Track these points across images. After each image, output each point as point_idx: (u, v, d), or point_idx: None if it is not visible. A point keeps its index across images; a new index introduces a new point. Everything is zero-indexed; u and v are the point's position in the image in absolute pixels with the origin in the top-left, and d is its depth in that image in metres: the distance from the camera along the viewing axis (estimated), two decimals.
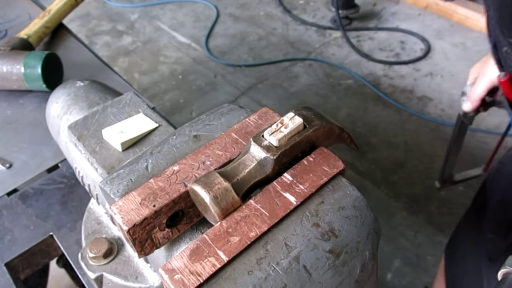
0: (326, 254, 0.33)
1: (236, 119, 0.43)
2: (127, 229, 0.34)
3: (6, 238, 0.61)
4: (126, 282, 0.45)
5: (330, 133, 0.39)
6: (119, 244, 0.48)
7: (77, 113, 0.51)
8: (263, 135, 0.36)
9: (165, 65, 2.55)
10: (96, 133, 0.46)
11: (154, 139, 0.46)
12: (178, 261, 0.31)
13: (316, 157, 0.37)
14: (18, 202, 0.65)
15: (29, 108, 0.79)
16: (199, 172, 0.37)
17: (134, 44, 2.70)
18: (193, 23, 2.83)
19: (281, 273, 0.31)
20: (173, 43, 2.69)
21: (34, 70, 0.74)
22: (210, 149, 0.39)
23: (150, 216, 0.34)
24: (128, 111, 0.49)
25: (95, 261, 0.46)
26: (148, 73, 2.50)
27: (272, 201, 0.34)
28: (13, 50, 0.78)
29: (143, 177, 0.38)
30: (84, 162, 0.46)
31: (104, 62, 0.91)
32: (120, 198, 0.36)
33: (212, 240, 0.32)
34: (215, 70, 2.46)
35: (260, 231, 0.33)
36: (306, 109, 0.38)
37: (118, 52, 2.64)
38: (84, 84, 0.55)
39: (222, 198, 0.33)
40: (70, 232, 0.62)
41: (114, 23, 2.86)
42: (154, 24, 2.85)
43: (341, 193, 0.36)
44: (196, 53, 2.60)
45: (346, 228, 0.34)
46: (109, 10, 2.98)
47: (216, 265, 0.31)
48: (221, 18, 2.82)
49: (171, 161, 0.39)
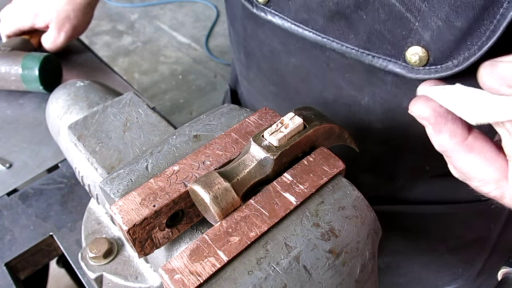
0: (326, 254, 0.33)
1: (236, 119, 0.43)
2: (127, 229, 0.34)
3: (6, 238, 0.61)
4: (126, 282, 0.45)
5: (330, 133, 0.39)
6: (119, 244, 0.48)
7: (77, 113, 0.51)
8: (263, 135, 0.36)
9: (165, 65, 2.55)
10: (96, 133, 0.46)
11: (154, 139, 0.46)
12: (178, 261, 0.31)
13: (316, 157, 0.37)
14: (18, 202, 0.65)
15: (29, 108, 0.79)
16: (199, 172, 0.37)
17: (134, 44, 2.70)
18: (193, 23, 2.83)
19: (281, 273, 0.31)
20: (173, 43, 2.69)
21: (31, 72, 0.74)
22: (210, 149, 0.39)
23: (150, 216, 0.34)
24: (128, 111, 0.49)
25: (95, 261, 0.46)
26: (148, 73, 2.50)
27: (272, 201, 0.34)
28: (13, 51, 0.78)
29: (143, 177, 0.38)
30: (84, 162, 0.46)
31: (104, 62, 0.91)
32: (120, 198, 0.36)
33: (212, 240, 0.32)
34: (215, 70, 2.46)
35: (260, 231, 0.33)
36: (307, 109, 0.38)
37: (118, 52, 2.64)
38: (84, 84, 0.55)
39: (222, 198, 0.33)
40: (70, 232, 0.62)
41: (114, 23, 2.87)
42: (154, 24, 2.85)
43: (341, 193, 0.36)
44: (196, 53, 2.60)
45: (346, 228, 0.34)
46: (109, 10, 2.98)
47: (216, 265, 0.31)
48: (221, 18, 2.82)
49: (171, 161, 0.39)
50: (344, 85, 0.53)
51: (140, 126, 0.47)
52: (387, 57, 0.45)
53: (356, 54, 0.47)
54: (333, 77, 0.53)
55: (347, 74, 0.51)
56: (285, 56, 0.57)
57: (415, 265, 0.76)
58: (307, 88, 0.58)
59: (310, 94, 0.58)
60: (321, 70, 0.53)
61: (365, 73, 0.50)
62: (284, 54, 0.56)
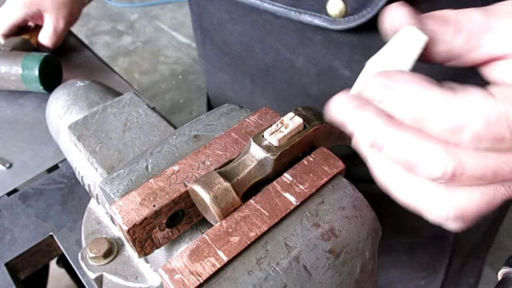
0: (326, 254, 0.33)
1: (236, 119, 0.43)
2: (127, 229, 0.34)
3: (6, 238, 0.61)
4: (126, 282, 0.45)
5: (330, 133, 0.39)
6: (119, 244, 0.48)
7: (77, 113, 0.51)
8: (263, 135, 0.36)
9: (165, 65, 2.55)
10: (96, 133, 0.46)
11: (154, 139, 0.46)
12: (178, 261, 0.31)
13: (316, 157, 0.37)
14: (18, 202, 0.65)
15: (29, 108, 0.79)
16: (199, 172, 0.37)
17: (134, 44, 2.70)
18: None
19: (281, 273, 0.31)
20: (173, 43, 2.69)
21: (31, 72, 0.74)
22: (210, 149, 0.39)
23: (150, 216, 0.34)
24: (128, 111, 0.49)
25: (95, 261, 0.46)
26: (148, 73, 2.50)
27: (272, 201, 0.34)
28: (13, 51, 0.78)
29: (143, 177, 0.38)
30: (84, 162, 0.46)
31: (104, 62, 0.91)
32: (120, 198, 0.36)
33: (212, 240, 0.32)
34: None
35: (260, 231, 0.33)
36: (306, 109, 0.38)
37: (118, 52, 2.64)
38: (84, 84, 0.55)
39: (222, 198, 0.33)
40: (70, 232, 0.62)
41: (114, 23, 2.87)
42: (154, 24, 2.85)
43: (341, 193, 0.36)
44: (196, 53, 2.60)
45: (346, 228, 0.34)
46: (109, 10, 2.98)
47: (216, 265, 0.31)
48: None
49: (171, 161, 0.39)
50: (281, 48, 0.58)
51: (140, 126, 0.47)
52: (312, 12, 0.50)
53: (285, 12, 0.52)
54: (271, 41, 0.59)
55: (282, 35, 0.57)
56: (231, 25, 0.62)
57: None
58: (251, 55, 0.63)
59: (254, 62, 0.64)
60: (260, 35, 0.59)
61: (297, 33, 0.55)
62: (230, 23, 0.62)
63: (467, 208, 0.27)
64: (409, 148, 0.25)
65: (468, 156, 0.25)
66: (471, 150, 0.25)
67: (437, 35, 0.28)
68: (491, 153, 0.25)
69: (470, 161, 0.25)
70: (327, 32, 0.52)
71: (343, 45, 0.53)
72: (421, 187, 0.28)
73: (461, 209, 0.27)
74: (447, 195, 0.27)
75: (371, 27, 0.47)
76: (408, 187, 0.28)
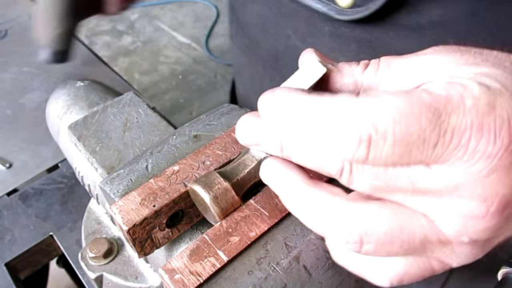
0: (326, 254, 0.33)
1: (236, 119, 0.43)
2: (127, 229, 0.34)
3: (6, 238, 0.61)
4: (126, 282, 0.45)
5: None
6: (119, 244, 0.48)
7: (77, 113, 0.51)
8: None
9: (165, 65, 2.55)
10: (96, 133, 0.46)
11: (154, 139, 0.46)
12: (178, 261, 0.31)
13: None
14: (18, 202, 0.65)
15: (29, 108, 0.79)
16: (199, 172, 0.37)
17: (134, 44, 2.70)
18: (193, 23, 2.83)
19: (281, 273, 0.31)
20: (173, 43, 2.69)
21: None
22: (210, 149, 0.39)
23: (150, 216, 0.34)
24: (128, 111, 0.49)
25: (95, 261, 0.46)
26: (148, 73, 2.50)
27: (272, 201, 0.34)
28: None
29: (143, 177, 0.38)
30: (84, 162, 0.46)
31: (104, 62, 0.91)
32: (120, 198, 0.36)
33: (212, 240, 0.32)
34: (215, 70, 2.46)
35: (260, 231, 0.33)
36: None
37: (118, 52, 2.64)
38: (84, 84, 0.55)
39: (222, 198, 0.33)
40: (70, 232, 0.62)
41: (114, 23, 2.87)
42: (154, 24, 2.85)
43: None
44: (196, 53, 2.60)
45: None
46: None
47: (216, 265, 0.31)
48: (221, 18, 2.82)
49: (171, 161, 0.39)
50: (292, 34, 0.61)
51: (140, 126, 0.47)
52: (322, 0, 0.53)
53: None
54: (284, 26, 0.61)
55: (294, 21, 0.59)
56: (251, 4, 0.65)
57: None
58: (265, 39, 0.66)
59: (267, 46, 0.66)
60: (275, 18, 0.62)
61: (307, 21, 0.57)
62: (251, 3, 0.65)
63: (405, 276, 0.27)
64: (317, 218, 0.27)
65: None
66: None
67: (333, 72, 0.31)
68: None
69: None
70: (335, 25, 0.54)
71: (350, 41, 0.54)
72: (357, 256, 0.28)
73: (400, 277, 0.27)
74: (384, 264, 0.28)
75: (376, 23, 0.49)
76: (347, 255, 0.29)
